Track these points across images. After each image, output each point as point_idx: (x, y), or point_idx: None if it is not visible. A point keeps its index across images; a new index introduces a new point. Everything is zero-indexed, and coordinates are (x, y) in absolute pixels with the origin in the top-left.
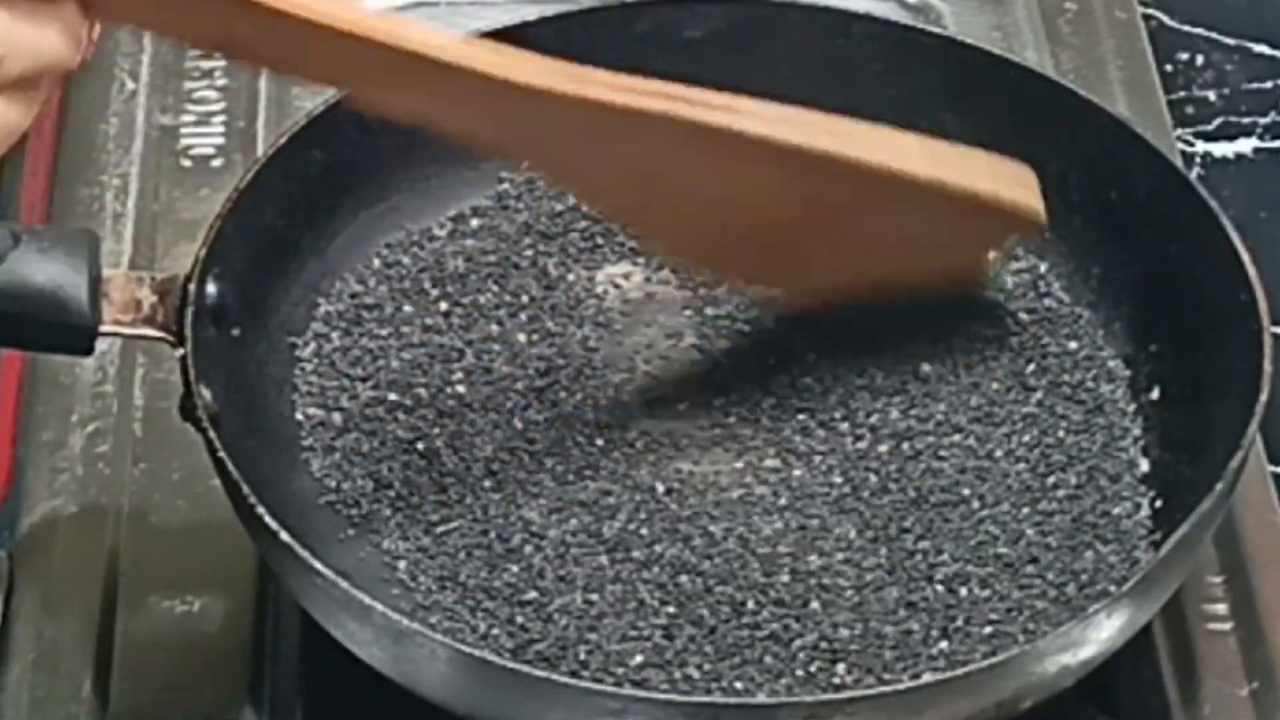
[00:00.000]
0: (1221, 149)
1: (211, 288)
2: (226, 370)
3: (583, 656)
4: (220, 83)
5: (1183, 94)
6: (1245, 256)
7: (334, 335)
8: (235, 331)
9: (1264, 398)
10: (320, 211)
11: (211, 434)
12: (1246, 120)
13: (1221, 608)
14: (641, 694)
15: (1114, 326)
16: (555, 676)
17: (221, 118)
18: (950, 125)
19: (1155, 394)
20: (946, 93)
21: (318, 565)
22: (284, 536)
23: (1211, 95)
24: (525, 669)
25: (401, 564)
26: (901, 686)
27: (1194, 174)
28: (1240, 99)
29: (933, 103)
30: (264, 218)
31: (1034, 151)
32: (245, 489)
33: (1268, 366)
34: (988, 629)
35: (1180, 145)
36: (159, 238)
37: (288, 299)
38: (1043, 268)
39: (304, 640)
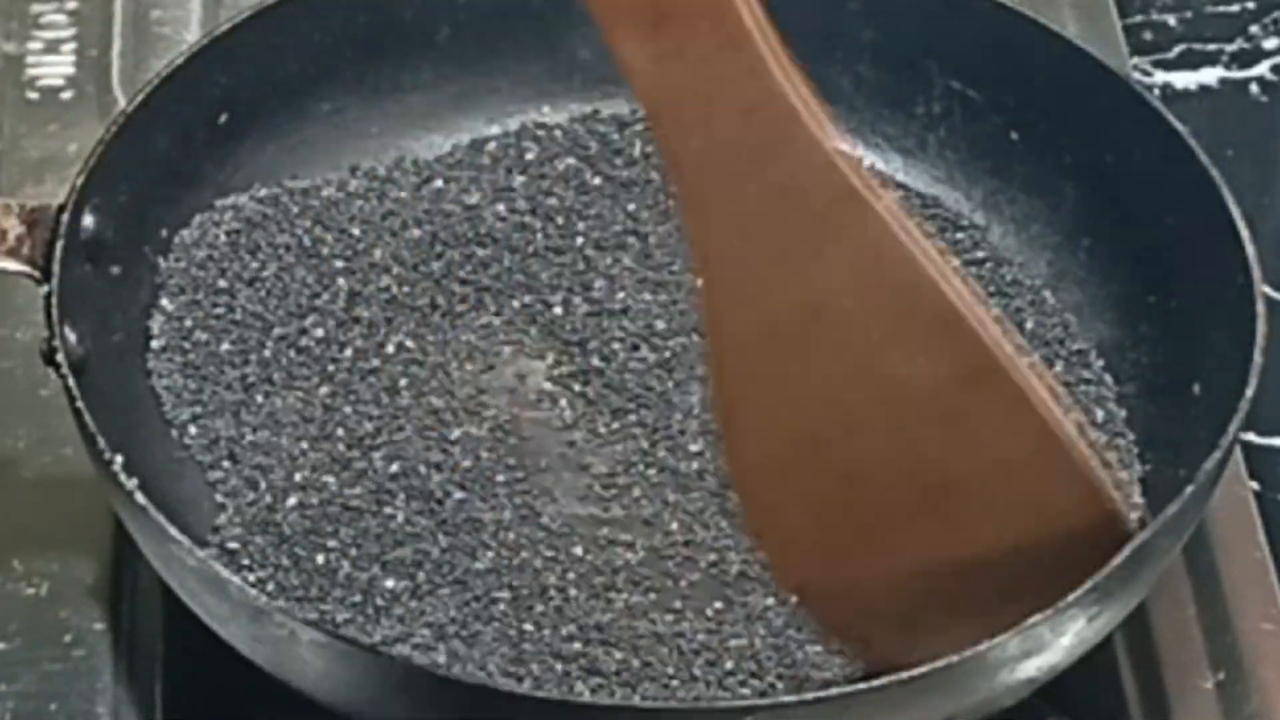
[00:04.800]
0: (1183, 79)
1: (89, 219)
2: (101, 312)
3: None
4: (70, 6)
5: (1140, 18)
6: (1245, 234)
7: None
8: (115, 270)
9: (1250, 392)
10: (221, 141)
11: (71, 382)
12: (1211, 47)
13: (1184, 591)
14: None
15: (1100, 305)
16: (424, 664)
17: (72, 45)
18: (933, 71)
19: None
20: (928, 36)
21: (174, 532)
22: (139, 498)
23: (1172, 19)
24: (388, 653)
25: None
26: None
27: None
28: (1204, 23)
29: (914, 45)
30: (156, 144)
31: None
32: (101, 443)
33: (1258, 358)
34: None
35: (1137, 75)
36: (2, 177)
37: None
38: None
39: (165, 616)
